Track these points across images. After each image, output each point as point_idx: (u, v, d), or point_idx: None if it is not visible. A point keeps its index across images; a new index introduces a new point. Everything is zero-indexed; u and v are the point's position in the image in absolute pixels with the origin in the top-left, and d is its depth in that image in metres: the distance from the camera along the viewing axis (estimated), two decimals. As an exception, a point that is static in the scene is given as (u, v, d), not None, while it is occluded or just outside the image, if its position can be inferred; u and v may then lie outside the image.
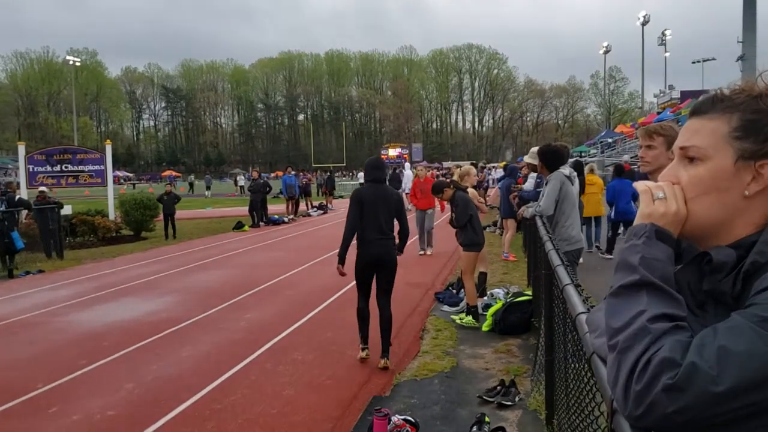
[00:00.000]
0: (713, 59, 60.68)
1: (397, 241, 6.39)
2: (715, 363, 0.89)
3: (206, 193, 51.33)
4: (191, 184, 60.92)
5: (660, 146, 3.11)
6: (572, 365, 2.85)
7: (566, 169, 6.25)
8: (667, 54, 70.14)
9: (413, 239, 10.56)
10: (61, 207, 16.24)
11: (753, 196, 1.07)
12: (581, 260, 7.90)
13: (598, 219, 12.59)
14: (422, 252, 13.06)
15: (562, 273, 2.87)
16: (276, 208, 24.96)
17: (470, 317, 7.48)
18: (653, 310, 0.99)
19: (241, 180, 53.82)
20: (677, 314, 1.00)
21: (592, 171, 12.89)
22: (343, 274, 6.20)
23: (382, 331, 6.23)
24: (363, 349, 6.31)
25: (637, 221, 1.13)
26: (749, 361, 0.88)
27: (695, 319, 1.09)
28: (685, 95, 50.13)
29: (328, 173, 33.88)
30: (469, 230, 7.53)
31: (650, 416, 0.93)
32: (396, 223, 6.34)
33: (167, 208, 18.97)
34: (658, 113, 49.94)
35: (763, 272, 1.00)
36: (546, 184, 6.22)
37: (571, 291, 2.34)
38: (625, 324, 1.01)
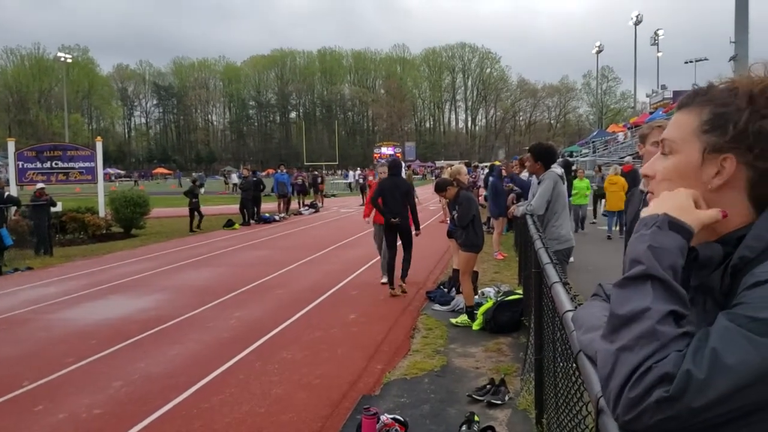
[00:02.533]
0: (705, 59, 60.94)
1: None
2: (707, 369, 0.87)
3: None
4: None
5: None
6: (561, 364, 2.83)
7: (558, 169, 6.27)
8: (660, 54, 70.42)
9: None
10: (53, 205, 16.15)
11: (720, 190, 1.06)
12: (572, 259, 7.91)
13: (621, 213, 14.42)
14: (385, 280, 9.65)
15: (551, 271, 2.85)
16: (267, 206, 24.87)
17: (465, 317, 7.47)
18: (660, 307, 0.96)
19: (234, 178, 53.35)
20: (682, 312, 0.97)
21: (616, 172, 15.39)
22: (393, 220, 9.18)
23: (403, 264, 9.45)
24: (391, 288, 9.19)
25: (650, 211, 1.08)
26: (739, 366, 0.86)
27: None
28: (678, 95, 50.19)
29: (310, 173, 33.91)
30: (470, 230, 7.51)
31: (640, 422, 0.91)
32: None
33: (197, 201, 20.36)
34: (651, 113, 50.10)
35: (752, 267, 0.98)
36: (539, 183, 6.21)
37: (559, 289, 2.33)
38: (630, 316, 0.97)
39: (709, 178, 1.07)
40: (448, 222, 9.32)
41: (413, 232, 9.51)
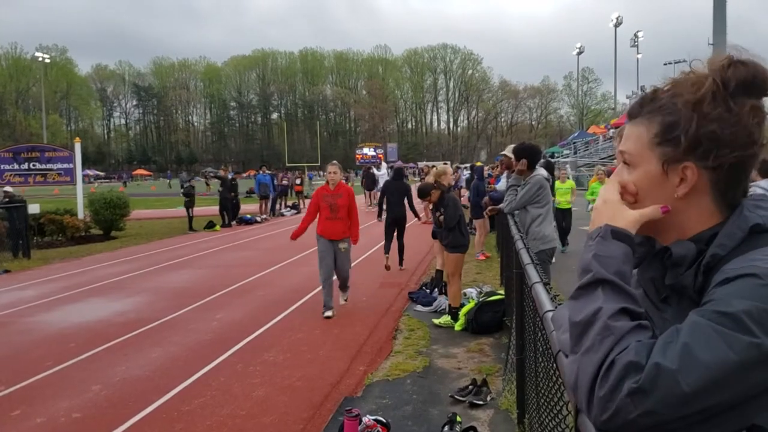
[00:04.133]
0: (684, 61, 61.46)
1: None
2: (678, 363, 0.88)
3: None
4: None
5: None
6: (542, 364, 2.84)
7: (544, 171, 6.33)
8: (640, 55, 71.05)
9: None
10: (20, 202, 15.84)
11: (687, 197, 1.08)
12: (554, 260, 7.95)
13: None
14: (329, 314, 7.92)
15: (532, 271, 2.86)
16: (249, 207, 24.76)
17: (448, 317, 7.48)
18: (611, 306, 0.98)
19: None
20: (635, 309, 0.99)
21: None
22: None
23: (399, 251, 11.21)
24: (386, 258, 10.74)
25: (592, 225, 1.13)
26: (712, 360, 0.87)
27: (658, 313, 1.08)
28: (656, 97, 50.45)
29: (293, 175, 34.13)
30: (456, 232, 7.52)
31: (616, 421, 0.90)
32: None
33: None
34: (629, 114, 50.47)
35: (723, 265, 0.99)
36: (524, 185, 6.21)
37: (539, 289, 2.33)
38: (584, 320, 1.00)
39: (674, 187, 1.08)
40: (432, 222, 9.33)
41: (417, 220, 12.88)
